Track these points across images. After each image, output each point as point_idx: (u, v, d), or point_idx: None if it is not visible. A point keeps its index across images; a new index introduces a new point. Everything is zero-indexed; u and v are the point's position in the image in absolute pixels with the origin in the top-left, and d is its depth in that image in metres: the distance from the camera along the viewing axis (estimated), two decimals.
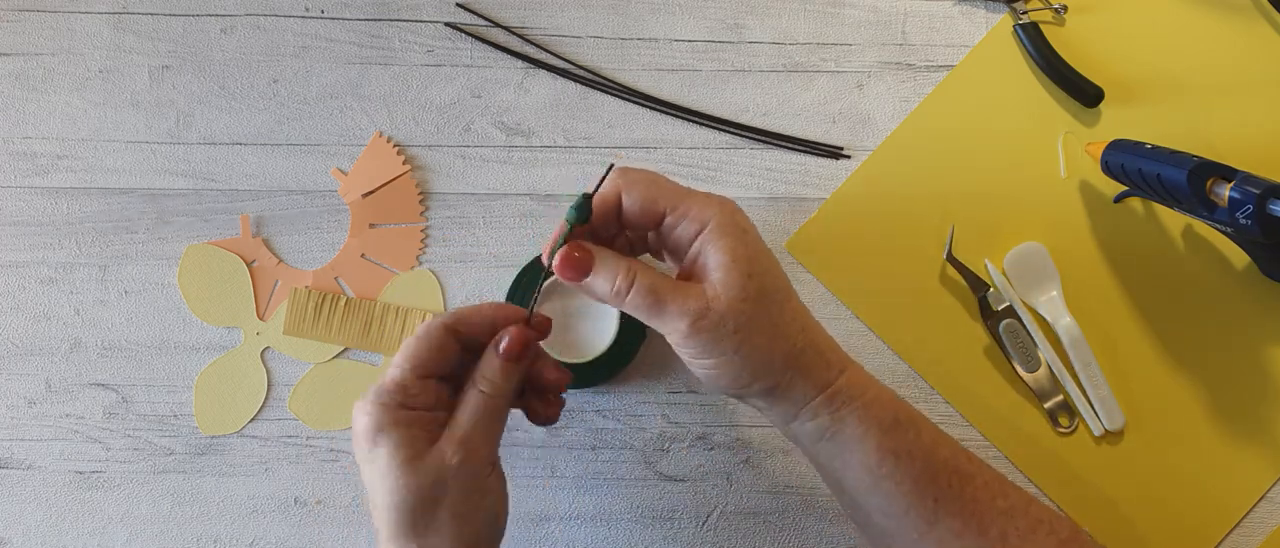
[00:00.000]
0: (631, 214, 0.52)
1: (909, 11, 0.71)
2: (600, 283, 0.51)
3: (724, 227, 0.51)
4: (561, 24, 0.70)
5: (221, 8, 0.70)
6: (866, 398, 0.53)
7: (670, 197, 0.51)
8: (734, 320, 0.50)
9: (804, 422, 0.53)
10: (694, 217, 0.51)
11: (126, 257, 0.68)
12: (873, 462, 0.52)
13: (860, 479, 0.53)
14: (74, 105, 0.69)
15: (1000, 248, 0.68)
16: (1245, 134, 0.69)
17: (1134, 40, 0.70)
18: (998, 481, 0.54)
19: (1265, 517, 0.67)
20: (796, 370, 0.52)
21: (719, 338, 0.50)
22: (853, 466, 0.53)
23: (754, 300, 0.50)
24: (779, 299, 0.52)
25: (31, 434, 0.67)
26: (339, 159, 0.69)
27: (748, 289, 0.50)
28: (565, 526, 0.67)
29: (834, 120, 0.70)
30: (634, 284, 0.50)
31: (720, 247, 0.50)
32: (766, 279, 0.51)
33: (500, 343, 0.52)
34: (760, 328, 0.50)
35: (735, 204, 0.52)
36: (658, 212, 0.51)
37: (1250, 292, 0.68)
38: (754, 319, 0.50)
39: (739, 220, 0.51)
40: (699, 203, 0.51)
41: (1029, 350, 0.67)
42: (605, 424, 0.67)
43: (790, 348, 0.52)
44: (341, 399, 0.67)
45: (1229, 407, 0.67)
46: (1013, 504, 0.54)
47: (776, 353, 0.51)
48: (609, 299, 0.51)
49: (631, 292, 0.50)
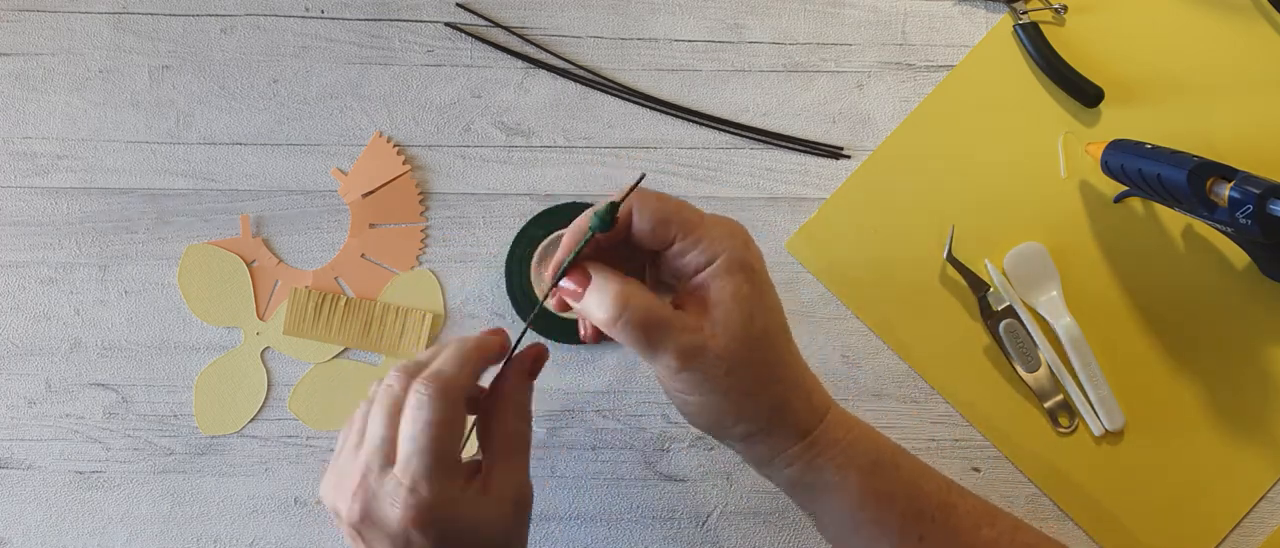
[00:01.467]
0: (640, 234, 0.49)
1: (909, 11, 0.71)
2: (595, 307, 0.49)
3: (733, 264, 0.49)
4: (561, 24, 0.70)
5: (221, 8, 0.70)
6: (847, 441, 0.52)
7: (683, 221, 0.49)
8: (727, 363, 0.48)
9: (779, 469, 0.52)
10: (705, 248, 0.49)
11: (126, 257, 0.68)
12: (854, 505, 0.51)
13: (841, 523, 0.52)
14: (74, 105, 0.69)
15: (1000, 248, 0.68)
16: (1245, 134, 0.69)
17: (1134, 40, 0.70)
18: (984, 509, 0.54)
19: (1265, 517, 0.67)
20: (778, 418, 0.51)
21: (710, 378, 0.48)
22: (831, 511, 0.52)
23: (751, 345, 0.49)
24: (777, 343, 0.50)
25: (31, 434, 0.67)
26: (339, 159, 0.69)
27: (747, 333, 0.49)
28: (565, 526, 0.67)
29: (834, 120, 0.70)
30: (628, 310, 0.48)
31: (726, 285, 0.49)
32: (769, 320, 0.50)
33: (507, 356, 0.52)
34: (752, 374, 0.49)
35: (748, 235, 0.50)
36: (668, 235, 0.49)
37: (1250, 292, 0.68)
38: (748, 364, 0.49)
39: (749, 257, 0.50)
40: (711, 234, 0.49)
41: (1029, 350, 0.67)
42: (605, 424, 0.67)
43: (776, 396, 0.50)
44: (341, 399, 0.67)
45: (1229, 407, 0.67)
46: (999, 533, 0.53)
47: (763, 401, 0.50)
48: (603, 325, 0.49)
49: (625, 319, 0.48)
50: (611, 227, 0.48)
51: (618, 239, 0.50)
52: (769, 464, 0.52)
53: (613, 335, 0.49)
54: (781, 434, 0.51)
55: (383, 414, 0.50)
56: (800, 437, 0.51)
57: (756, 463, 0.53)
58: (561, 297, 0.50)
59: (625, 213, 0.49)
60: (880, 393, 0.68)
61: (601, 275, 0.49)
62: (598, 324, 0.49)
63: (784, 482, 0.53)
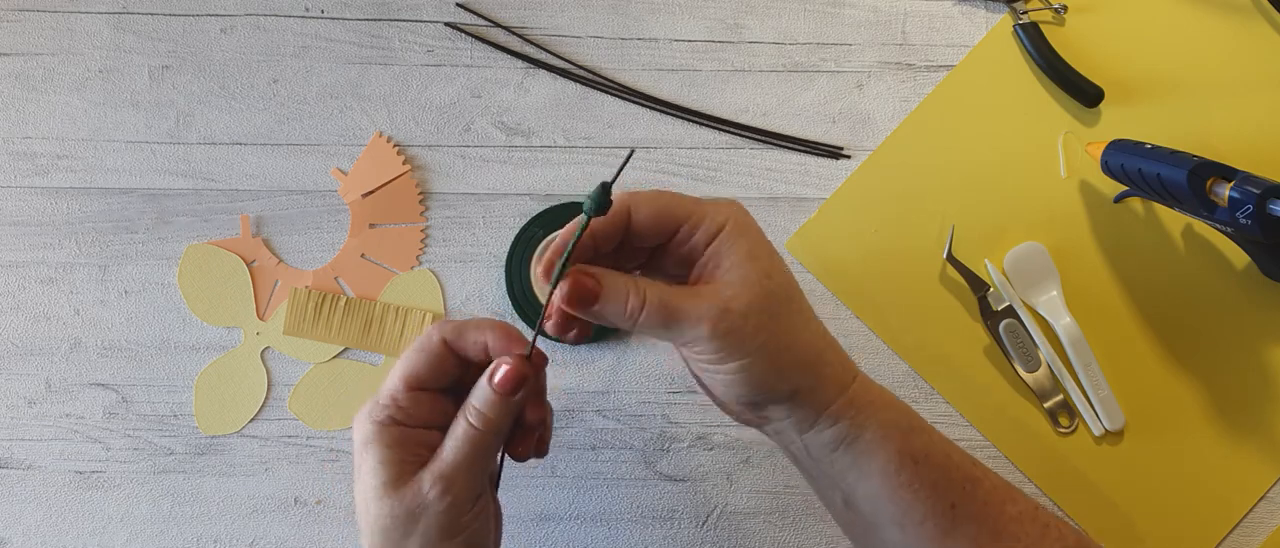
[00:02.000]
0: (644, 228, 0.49)
1: (909, 11, 0.71)
2: (612, 307, 0.47)
3: (739, 228, 0.49)
4: (561, 24, 0.70)
5: (221, 8, 0.70)
6: (882, 400, 0.51)
7: (683, 208, 0.49)
8: (756, 317, 0.47)
9: (822, 430, 0.50)
10: (707, 224, 0.49)
11: (126, 257, 0.68)
12: (893, 468, 0.50)
13: (877, 488, 0.51)
14: (74, 105, 0.69)
15: (1000, 248, 0.68)
16: (1245, 134, 0.69)
17: (1134, 40, 0.70)
18: (1005, 486, 0.54)
19: (1265, 517, 0.67)
20: (819, 370, 0.50)
21: (743, 338, 0.47)
22: (871, 473, 0.51)
23: (774, 297, 0.48)
24: (798, 300, 0.50)
25: (31, 434, 0.67)
26: (339, 159, 0.69)
27: (768, 287, 0.48)
28: (565, 526, 0.67)
29: (834, 120, 0.70)
30: (646, 301, 0.47)
31: (736, 247, 0.48)
32: (784, 279, 0.49)
33: (495, 373, 0.48)
34: (783, 326, 0.48)
35: (745, 208, 0.50)
36: (672, 223, 0.49)
37: (1250, 292, 0.68)
38: (775, 316, 0.48)
39: (753, 223, 0.50)
40: (712, 210, 0.49)
41: (1029, 350, 0.67)
42: (605, 424, 0.68)
43: (812, 347, 0.50)
44: (341, 399, 0.67)
45: (1229, 407, 0.67)
46: (1022, 510, 0.53)
47: (800, 352, 0.49)
48: (623, 323, 0.48)
49: (645, 310, 0.47)
50: (607, 208, 0.46)
51: (616, 239, 0.49)
52: (812, 427, 0.50)
53: (637, 329, 0.48)
54: (826, 387, 0.50)
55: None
56: (841, 391, 0.50)
57: (798, 429, 0.51)
58: (577, 309, 0.48)
59: (618, 219, 0.48)
60: None
61: (610, 276, 0.48)
62: (618, 324, 0.48)
63: (824, 445, 0.51)
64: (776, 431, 0.52)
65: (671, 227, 0.49)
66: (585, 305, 0.48)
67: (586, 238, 0.48)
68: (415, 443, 0.49)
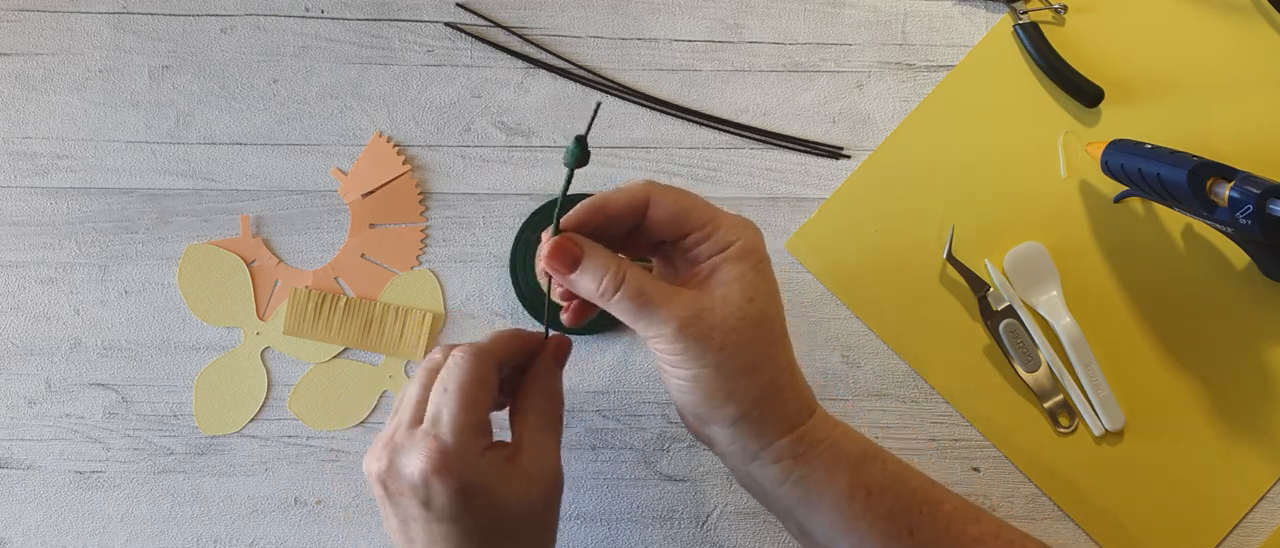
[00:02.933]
0: (658, 224, 0.50)
1: (909, 11, 0.71)
2: (587, 280, 0.49)
3: (744, 251, 0.50)
4: (561, 24, 0.70)
5: (221, 8, 0.70)
6: (833, 437, 0.52)
7: (701, 216, 0.50)
8: (722, 335, 0.49)
9: (765, 465, 0.51)
10: (719, 238, 0.50)
11: (126, 257, 0.68)
12: (844, 501, 0.51)
13: (829, 522, 0.52)
14: (74, 105, 0.69)
15: (1000, 248, 0.68)
16: (1245, 134, 0.69)
17: (1134, 40, 0.70)
18: (967, 507, 0.54)
19: (1265, 517, 0.67)
20: (769, 405, 0.51)
21: (704, 348, 0.49)
22: (823, 509, 0.51)
23: (748, 323, 0.49)
24: (774, 329, 0.51)
25: (31, 434, 0.67)
26: (339, 159, 0.69)
27: (746, 311, 0.49)
28: (565, 526, 0.67)
29: (834, 120, 0.70)
30: (623, 284, 0.49)
31: (733, 268, 0.50)
32: (769, 306, 0.50)
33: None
34: (746, 351, 0.49)
35: (761, 234, 0.51)
36: (687, 228, 0.50)
37: (1250, 292, 0.68)
38: (742, 341, 0.49)
39: (760, 249, 0.51)
40: (727, 226, 0.50)
41: (1029, 350, 0.67)
42: (605, 424, 0.67)
43: (768, 380, 0.50)
44: (341, 399, 0.67)
45: (1229, 407, 0.67)
46: (984, 530, 0.53)
47: (754, 381, 0.50)
48: (594, 297, 0.49)
49: (620, 290, 0.49)
50: (587, 158, 0.48)
51: (630, 223, 0.51)
52: (754, 459, 0.51)
53: (610, 308, 0.49)
54: (772, 423, 0.51)
55: (419, 380, 0.52)
56: (789, 430, 0.51)
57: (741, 458, 0.52)
58: (556, 270, 0.50)
59: (638, 204, 0.50)
60: (880, 393, 0.68)
61: (594, 249, 0.50)
62: (590, 297, 0.50)
63: (769, 479, 0.52)
64: (722, 454, 0.53)
65: (685, 231, 0.51)
66: (565, 267, 0.49)
67: (600, 213, 0.50)
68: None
